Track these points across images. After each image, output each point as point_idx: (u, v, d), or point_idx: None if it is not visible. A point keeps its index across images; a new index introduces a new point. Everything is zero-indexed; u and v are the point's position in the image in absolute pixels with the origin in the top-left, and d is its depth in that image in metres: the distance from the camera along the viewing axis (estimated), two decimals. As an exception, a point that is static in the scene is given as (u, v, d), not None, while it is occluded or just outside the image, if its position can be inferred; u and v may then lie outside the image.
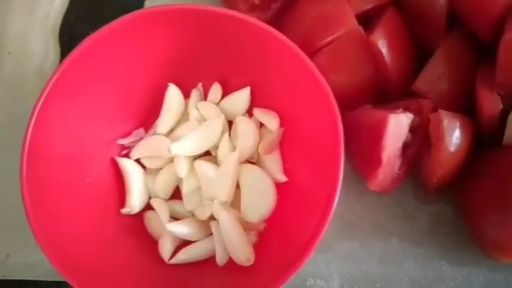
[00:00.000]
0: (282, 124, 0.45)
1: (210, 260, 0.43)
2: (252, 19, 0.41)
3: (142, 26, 0.42)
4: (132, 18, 0.41)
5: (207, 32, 0.43)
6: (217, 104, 0.47)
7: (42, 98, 0.40)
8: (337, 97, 0.40)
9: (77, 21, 0.54)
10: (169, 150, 0.43)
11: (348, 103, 0.43)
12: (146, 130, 0.47)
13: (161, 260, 0.43)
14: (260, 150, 0.45)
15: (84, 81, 0.42)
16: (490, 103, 0.41)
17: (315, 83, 0.40)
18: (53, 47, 0.53)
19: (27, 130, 0.39)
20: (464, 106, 0.43)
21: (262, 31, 0.41)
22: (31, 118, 0.39)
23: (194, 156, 0.45)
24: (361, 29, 0.44)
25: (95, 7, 0.55)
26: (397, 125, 0.41)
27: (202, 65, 0.45)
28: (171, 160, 0.45)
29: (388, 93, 0.46)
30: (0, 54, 0.53)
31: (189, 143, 0.44)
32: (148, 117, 0.47)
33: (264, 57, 0.43)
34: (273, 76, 0.44)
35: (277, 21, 0.49)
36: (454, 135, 0.41)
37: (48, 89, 0.40)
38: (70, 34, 0.54)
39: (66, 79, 0.41)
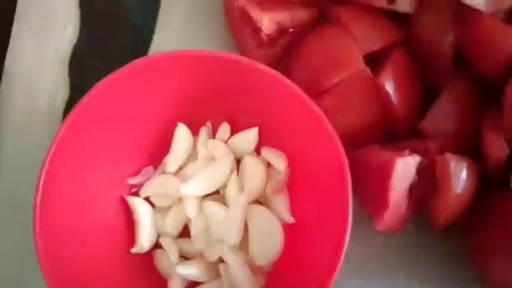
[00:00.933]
0: (289, 164, 0.45)
1: (219, 301, 0.43)
2: (258, 65, 0.41)
3: (152, 70, 0.42)
4: (142, 64, 0.41)
5: (215, 75, 0.43)
6: (226, 142, 0.47)
7: (53, 146, 0.40)
8: (344, 137, 0.40)
9: (87, 53, 0.55)
10: (178, 190, 0.44)
11: (355, 143, 0.43)
12: (155, 167, 0.48)
13: (171, 300, 0.44)
14: (268, 190, 0.45)
15: (95, 126, 0.43)
16: (496, 147, 0.41)
17: (320, 126, 0.41)
18: (63, 81, 0.54)
19: (39, 177, 0.39)
20: (471, 147, 0.43)
21: (268, 76, 0.41)
22: (43, 166, 0.39)
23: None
24: (368, 70, 0.44)
25: (104, 39, 0.55)
26: (405, 168, 0.41)
27: (211, 106, 0.46)
28: (180, 199, 0.46)
29: (395, 133, 0.46)
30: (11, 89, 0.53)
31: (198, 184, 0.44)
32: (157, 155, 0.47)
33: (270, 100, 0.43)
34: (279, 118, 0.44)
35: (284, 58, 0.49)
36: (460, 178, 0.41)
37: (59, 136, 0.40)
38: (80, 67, 0.54)
39: (76, 125, 0.41)
